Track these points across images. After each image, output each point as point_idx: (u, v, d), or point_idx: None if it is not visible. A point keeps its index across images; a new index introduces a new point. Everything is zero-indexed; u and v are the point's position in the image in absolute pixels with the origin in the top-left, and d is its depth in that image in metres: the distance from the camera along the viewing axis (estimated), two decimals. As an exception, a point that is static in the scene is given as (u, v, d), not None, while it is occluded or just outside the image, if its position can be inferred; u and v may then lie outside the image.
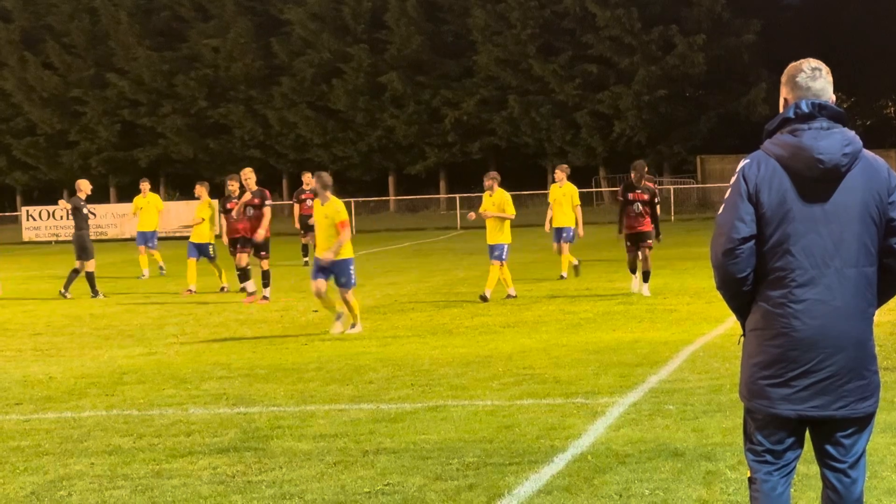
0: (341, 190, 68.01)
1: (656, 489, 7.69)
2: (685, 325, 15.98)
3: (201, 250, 25.04)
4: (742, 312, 5.32)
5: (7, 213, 64.41)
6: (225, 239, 23.63)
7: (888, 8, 61.04)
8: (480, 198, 24.75)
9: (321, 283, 16.79)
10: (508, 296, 20.57)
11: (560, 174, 24.95)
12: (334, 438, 9.61)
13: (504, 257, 20.69)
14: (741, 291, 5.23)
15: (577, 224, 24.38)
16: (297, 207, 31.87)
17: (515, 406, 10.74)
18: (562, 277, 23.91)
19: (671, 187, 56.32)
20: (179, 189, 69.86)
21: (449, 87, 64.25)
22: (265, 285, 21.97)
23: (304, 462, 8.86)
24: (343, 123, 66.07)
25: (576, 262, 24.38)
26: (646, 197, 20.27)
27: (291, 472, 8.59)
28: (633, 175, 20.39)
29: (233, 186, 23.44)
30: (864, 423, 5.30)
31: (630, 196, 20.37)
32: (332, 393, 11.80)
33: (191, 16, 69.58)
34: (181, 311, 20.77)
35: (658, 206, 20.62)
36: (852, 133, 5.21)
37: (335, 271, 16.80)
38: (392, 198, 64.89)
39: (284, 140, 67.14)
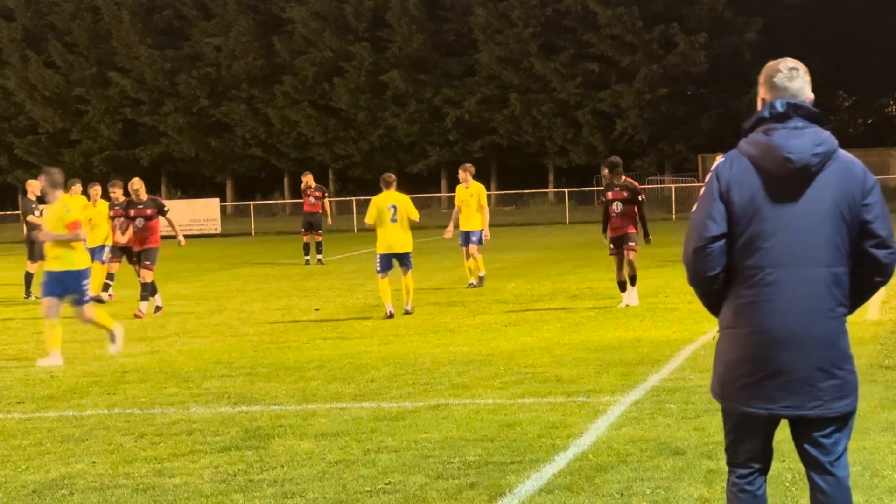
0: (343, 188, 68.18)
1: (658, 488, 7.70)
2: (686, 324, 15.97)
3: (95, 254, 22.94)
4: (715, 310, 5.39)
5: (9, 212, 64.43)
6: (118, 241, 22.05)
7: (889, 6, 61.03)
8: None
9: (53, 303, 14.73)
10: (406, 312, 18.44)
11: (464, 174, 23.19)
12: (336, 437, 9.62)
13: (410, 265, 18.81)
14: (712, 290, 5.31)
15: (483, 225, 22.86)
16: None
17: (517, 405, 10.75)
18: (471, 286, 22.37)
19: (672, 186, 56.34)
20: (181, 188, 69.91)
21: (450, 86, 64.29)
22: (145, 298, 19.89)
23: (305, 461, 8.86)
24: (345, 122, 66.12)
25: (482, 273, 22.71)
26: (625, 195, 18.38)
27: (293, 470, 8.59)
28: (604, 172, 18.70)
29: (115, 193, 22.03)
30: (842, 421, 5.27)
31: (609, 195, 18.57)
32: (333, 391, 11.81)
33: (193, 14, 69.65)
34: (182, 309, 20.78)
35: (643, 205, 18.59)
36: (826, 133, 5.21)
37: (66, 284, 14.71)
38: (393, 196, 64.86)
39: (286, 139, 67.20)
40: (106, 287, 22.95)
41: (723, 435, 8.87)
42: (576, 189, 58.69)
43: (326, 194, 32.23)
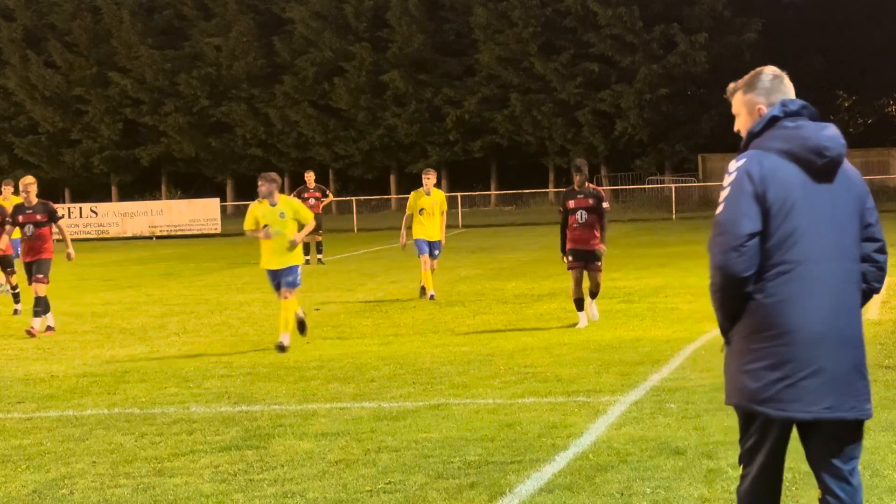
0: (343, 188, 68.15)
1: (658, 487, 7.70)
2: (687, 324, 15.97)
3: None
4: (735, 317, 5.11)
5: (9, 212, 64.43)
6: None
7: (889, 6, 61.03)
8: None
9: None
10: (280, 345, 14.93)
11: (428, 181, 21.28)
12: (336, 437, 9.62)
13: (300, 281, 15.62)
14: (741, 293, 5.04)
15: (442, 235, 21.17)
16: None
17: (517, 404, 10.75)
18: (432, 297, 20.51)
19: (672, 186, 56.32)
20: (181, 188, 69.90)
21: (450, 86, 64.26)
22: (37, 314, 17.74)
23: (305, 460, 8.87)
24: (345, 122, 66.10)
25: (433, 292, 20.77)
26: (591, 202, 16.40)
27: (293, 470, 8.59)
28: (576, 178, 16.46)
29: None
30: (861, 427, 5.18)
31: (571, 204, 16.44)
32: (333, 391, 11.81)
33: (193, 14, 69.62)
34: (183, 309, 20.78)
35: (606, 213, 16.59)
36: None
37: None
38: (394, 196, 64.88)
39: (286, 139, 67.17)
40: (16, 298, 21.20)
41: (723, 435, 8.92)
42: (576, 189, 58.67)
43: (328, 193, 32.23)
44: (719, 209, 5.09)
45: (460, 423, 9.93)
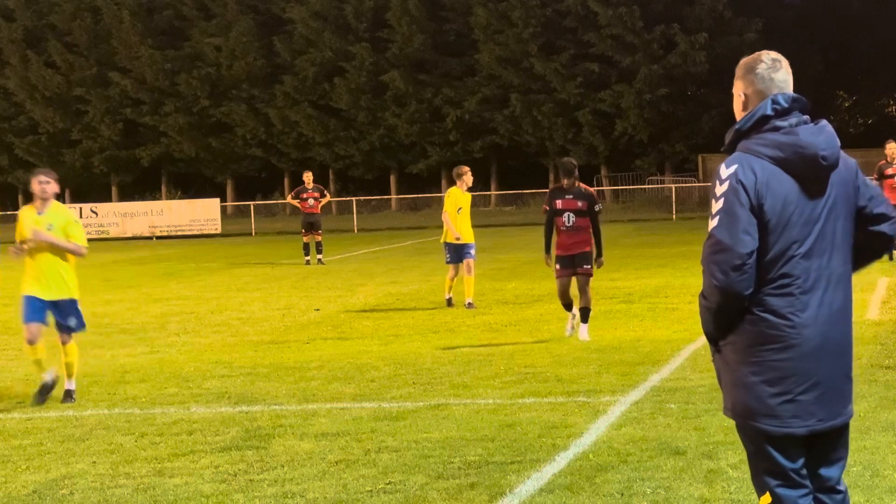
0: (343, 189, 68.21)
1: (658, 488, 7.70)
2: (687, 324, 15.96)
3: None
4: (728, 331, 4.92)
5: (9, 212, 64.45)
6: None
7: (889, 6, 61.05)
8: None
9: None
10: (66, 394, 11.83)
11: (467, 178, 19.81)
12: (336, 437, 9.62)
13: (80, 323, 12.11)
14: (739, 311, 4.84)
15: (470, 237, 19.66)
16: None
17: (517, 404, 10.75)
18: (469, 305, 19.05)
19: (672, 186, 56.32)
20: (181, 188, 69.92)
21: (451, 86, 64.30)
22: None
23: (305, 461, 8.87)
24: (345, 122, 66.14)
25: (449, 295, 19.56)
26: (579, 204, 14.81)
27: (293, 470, 8.59)
28: (565, 181, 14.91)
29: None
30: (847, 427, 5.04)
31: (558, 204, 14.87)
32: (333, 391, 11.81)
33: (193, 14, 69.68)
34: (183, 309, 20.78)
35: (599, 216, 15.08)
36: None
37: None
38: (394, 196, 64.92)
39: (286, 139, 67.22)
40: None
41: (723, 435, 8.92)
42: (576, 189, 58.55)
43: (326, 193, 32.24)
44: (714, 223, 4.80)
45: (460, 424, 9.93)
